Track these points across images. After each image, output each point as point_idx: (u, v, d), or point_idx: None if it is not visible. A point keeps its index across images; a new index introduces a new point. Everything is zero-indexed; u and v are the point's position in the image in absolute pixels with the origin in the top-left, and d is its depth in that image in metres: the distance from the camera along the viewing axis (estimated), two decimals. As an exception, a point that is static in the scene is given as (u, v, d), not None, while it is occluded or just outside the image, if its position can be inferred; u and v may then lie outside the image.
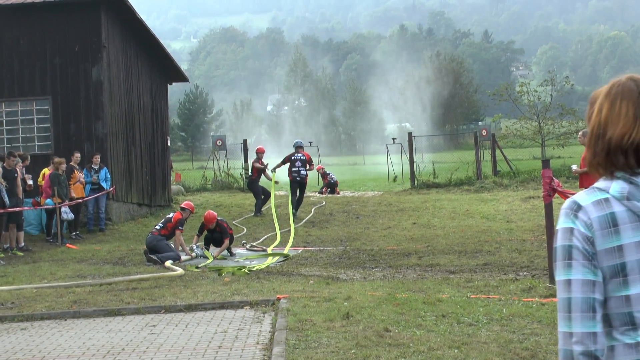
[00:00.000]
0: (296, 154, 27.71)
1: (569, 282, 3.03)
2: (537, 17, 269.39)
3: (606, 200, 3.05)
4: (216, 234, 19.92)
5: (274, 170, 27.59)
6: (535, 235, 20.90)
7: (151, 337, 10.84)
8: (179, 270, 16.71)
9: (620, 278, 3.01)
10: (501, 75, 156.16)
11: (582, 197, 3.10)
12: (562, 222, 3.10)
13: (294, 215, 25.74)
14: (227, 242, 19.66)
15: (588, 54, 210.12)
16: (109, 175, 25.78)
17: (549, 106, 50.25)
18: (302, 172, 27.45)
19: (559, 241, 3.09)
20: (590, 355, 2.97)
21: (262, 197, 28.70)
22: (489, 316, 10.85)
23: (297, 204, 27.67)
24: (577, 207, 3.07)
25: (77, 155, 24.87)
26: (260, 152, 29.32)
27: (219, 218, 19.93)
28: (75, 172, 24.24)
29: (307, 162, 27.60)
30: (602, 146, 3.10)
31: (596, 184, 3.13)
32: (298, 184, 27.62)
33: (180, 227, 19.34)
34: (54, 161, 23.14)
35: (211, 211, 20.36)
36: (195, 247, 19.83)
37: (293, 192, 27.63)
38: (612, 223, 3.01)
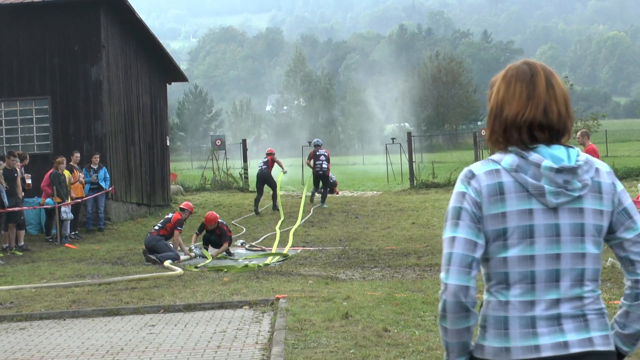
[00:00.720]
0: (320, 150, 30.54)
1: (453, 239, 3.32)
2: (537, 17, 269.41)
3: (497, 170, 3.34)
4: (214, 236, 19.92)
5: (308, 165, 30.86)
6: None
7: (150, 337, 10.84)
8: (178, 270, 16.72)
9: (501, 241, 3.32)
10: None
11: (477, 166, 3.40)
12: (457, 187, 3.41)
13: (321, 206, 29.89)
14: (226, 245, 19.67)
15: (587, 54, 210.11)
16: (108, 175, 25.78)
17: (548, 106, 50.23)
18: (324, 165, 30.12)
19: (452, 203, 3.39)
20: (461, 306, 3.28)
21: (266, 194, 30.38)
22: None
23: (323, 197, 30.55)
24: (471, 175, 3.38)
25: (77, 155, 24.87)
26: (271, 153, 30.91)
27: (219, 220, 19.94)
28: (75, 171, 24.23)
29: (329, 158, 30.58)
30: (499, 124, 3.41)
31: (491, 157, 3.41)
32: (321, 177, 30.32)
33: (179, 228, 19.34)
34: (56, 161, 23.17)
35: (213, 212, 20.39)
36: (194, 247, 19.83)
37: (316, 184, 30.78)
38: (499, 191, 3.31)
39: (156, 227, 19.36)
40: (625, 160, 43.14)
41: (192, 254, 19.52)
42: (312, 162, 30.47)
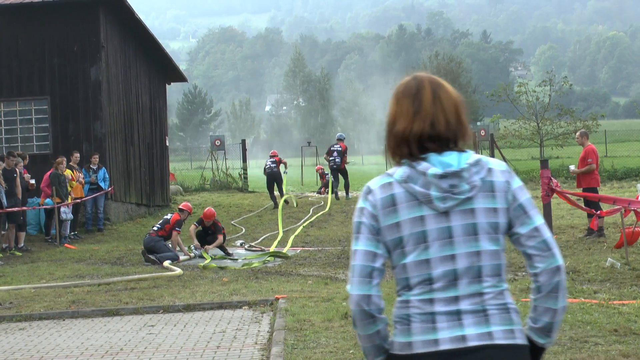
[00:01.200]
0: (335, 145, 31.70)
1: (355, 252, 3.56)
2: (536, 17, 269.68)
3: (390, 183, 3.52)
4: (210, 237, 20.01)
5: (326, 159, 32.20)
6: (533, 235, 20.87)
7: (149, 337, 10.84)
8: (178, 270, 16.72)
9: (400, 249, 3.50)
10: (500, 75, 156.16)
11: (374, 181, 3.59)
12: (358, 203, 3.60)
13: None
14: (220, 237, 19.75)
15: (586, 54, 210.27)
16: (107, 175, 25.78)
17: (548, 106, 50.19)
18: (337, 160, 31.22)
19: (354, 218, 3.60)
20: (365, 313, 3.50)
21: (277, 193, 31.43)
22: (487, 316, 10.85)
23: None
24: (368, 191, 3.57)
25: (77, 155, 24.87)
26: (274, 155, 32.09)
27: (215, 218, 20.06)
28: (74, 172, 24.22)
29: (343, 153, 31.48)
30: (392, 139, 3.59)
31: (388, 170, 3.58)
32: (334, 170, 31.63)
33: (177, 229, 19.35)
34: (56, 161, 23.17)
35: (211, 208, 20.50)
36: (193, 248, 19.85)
37: (335, 179, 32.10)
38: (392, 203, 3.49)
39: (155, 228, 19.36)
40: (625, 160, 43.19)
41: (192, 254, 19.53)
42: (328, 157, 31.73)
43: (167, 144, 36.19)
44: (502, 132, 50.92)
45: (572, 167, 20.30)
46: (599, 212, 17.64)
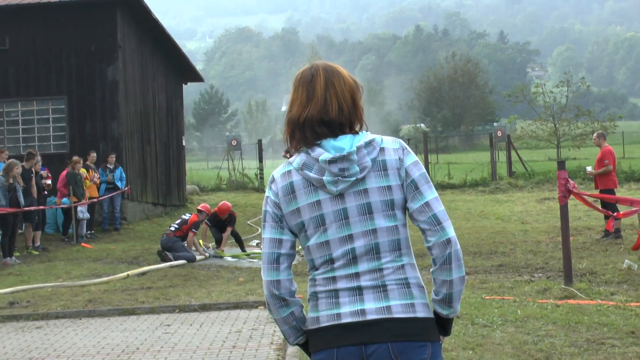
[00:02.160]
0: None
1: (263, 240, 3.73)
2: (553, 18, 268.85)
3: (289, 172, 3.68)
4: (218, 232, 20.20)
5: None
6: (550, 236, 20.84)
7: (165, 337, 10.86)
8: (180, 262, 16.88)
9: (303, 234, 3.67)
10: (517, 76, 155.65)
11: (277, 170, 3.76)
12: (266, 192, 3.76)
13: None
14: (229, 230, 19.96)
15: (604, 55, 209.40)
16: (124, 175, 25.86)
17: (565, 107, 50.04)
18: None
19: (263, 207, 3.76)
20: (276, 297, 3.69)
21: None
22: (503, 317, 10.83)
23: None
24: (272, 180, 3.75)
25: (93, 154, 24.96)
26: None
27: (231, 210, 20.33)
28: (90, 171, 24.30)
29: None
30: (288, 125, 3.73)
31: (290, 159, 3.75)
32: None
33: (194, 230, 19.36)
34: (72, 160, 23.25)
35: (226, 202, 20.66)
36: (209, 248, 19.90)
37: None
38: (291, 190, 3.65)
39: (172, 228, 19.37)
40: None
41: (207, 254, 19.57)
42: None
43: (184, 143, 36.24)
44: (519, 133, 50.76)
45: (589, 169, 20.24)
46: (615, 213, 17.59)
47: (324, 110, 3.64)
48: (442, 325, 3.73)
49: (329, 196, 3.60)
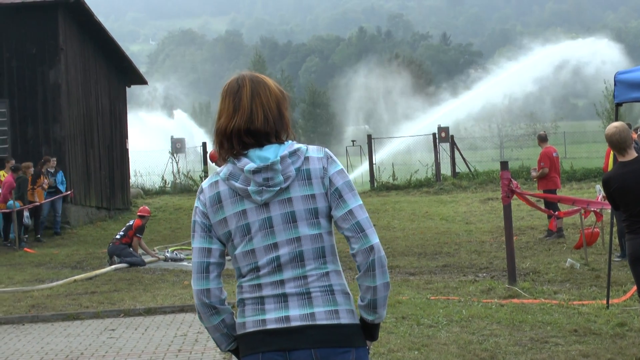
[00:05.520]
0: None
1: (193, 250, 3.81)
2: (495, 19, 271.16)
3: (216, 182, 3.77)
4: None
5: None
6: (494, 236, 21.03)
7: (110, 341, 10.79)
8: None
9: (230, 242, 3.76)
10: (460, 77, 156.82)
11: (205, 181, 3.84)
12: (195, 202, 3.85)
13: None
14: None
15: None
16: (64, 179, 25.61)
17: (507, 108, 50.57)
18: None
19: (192, 217, 3.85)
20: (206, 305, 3.77)
21: None
22: (448, 317, 10.91)
23: None
24: (201, 190, 3.83)
25: (54, 160, 24.86)
26: None
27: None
28: (42, 176, 24.08)
29: None
30: (216, 135, 3.80)
31: (217, 170, 3.81)
32: None
33: (138, 235, 19.16)
34: (12, 164, 22.94)
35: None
36: (167, 253, 19.68)
37: None
38: (218, 200, 3.74)
39: (118, 237, 19.15)
40: (584, 161, 43.56)
41: (162, 257, 19.35)
42: None
43: (128, 146, 35.98)
44: (462, 134, 51.16)
45: (533, 173, 20.49)
46: (557, 212, 17.81)
47: (249, 120, 3.71)
48: (368, 330, 3.83)
49: (254, 205, 3.69)
